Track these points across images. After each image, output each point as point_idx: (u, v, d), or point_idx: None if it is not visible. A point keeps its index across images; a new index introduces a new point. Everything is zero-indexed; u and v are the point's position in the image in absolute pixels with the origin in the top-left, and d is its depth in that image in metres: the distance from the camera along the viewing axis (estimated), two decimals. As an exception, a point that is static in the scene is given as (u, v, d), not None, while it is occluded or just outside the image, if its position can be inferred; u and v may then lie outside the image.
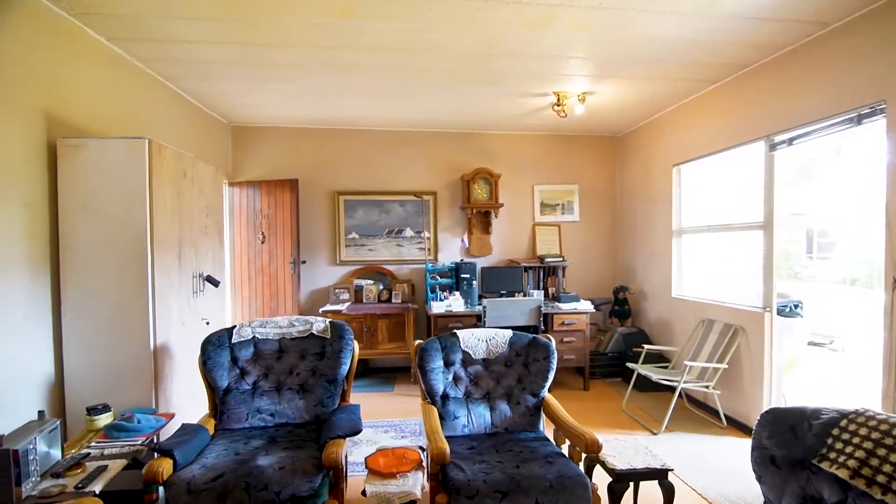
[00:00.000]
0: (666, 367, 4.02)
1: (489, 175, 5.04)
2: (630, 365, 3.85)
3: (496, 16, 2.65)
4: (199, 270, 3.05)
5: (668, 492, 2.17)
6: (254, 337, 2.59)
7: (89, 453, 1.98)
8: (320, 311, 4.60)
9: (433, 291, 4.77)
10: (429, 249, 5.17)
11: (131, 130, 3.06)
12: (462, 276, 4.72)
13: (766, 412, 1.59)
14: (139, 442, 2.11)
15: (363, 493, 2.01)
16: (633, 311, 5.06)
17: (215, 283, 3.13)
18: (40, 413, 1.92)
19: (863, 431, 1.36)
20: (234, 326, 2.60)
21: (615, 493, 2.17)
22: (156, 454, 1.95)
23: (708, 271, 4.24)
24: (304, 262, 4.98)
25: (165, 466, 1.88)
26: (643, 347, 4.03)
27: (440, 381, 2.58)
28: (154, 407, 2.50)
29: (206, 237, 3.18)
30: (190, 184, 2.94)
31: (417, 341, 2.67)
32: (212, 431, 2.34)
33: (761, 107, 3.33)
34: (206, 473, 1.90)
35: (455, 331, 2.73)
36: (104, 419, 2.28)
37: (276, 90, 3.90)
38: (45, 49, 2.45)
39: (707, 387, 3.51)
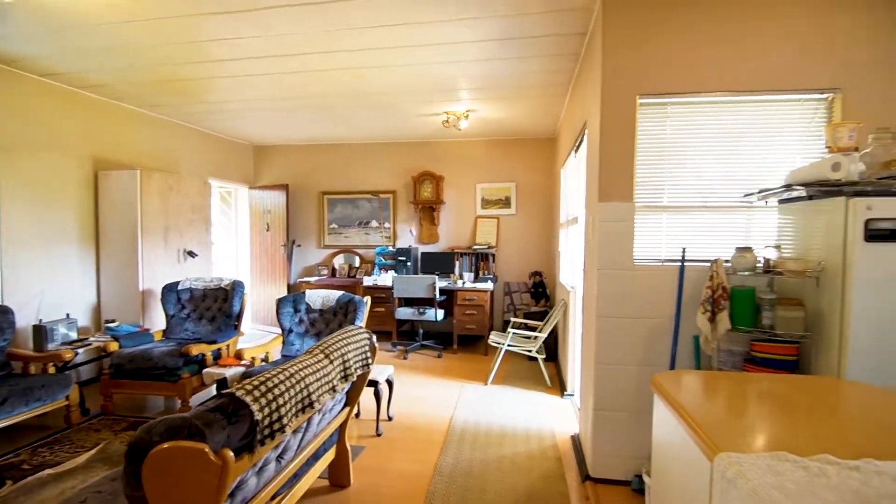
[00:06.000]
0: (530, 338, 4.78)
1: (431, 176, 6.15)
2: (493, 333, 4.71)
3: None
4: (184, 247, 4.87)
5: (377, 396, 3.29)
6: (189, 287, 4.28)
7: (87, 338, 3.85)
8: (298, 281, 6.26)
9: (382, 269, 6.10)
10: (389, 237, 6.48)
11: (164, 162, 5.01)
12: (399, 258, 5.95)
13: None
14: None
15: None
16: (551, 294, 5.74)
17: (193, 255, 4.93)
18: (67, 315, 3.83)
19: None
20: (181, 280, 4.32)
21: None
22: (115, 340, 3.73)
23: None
24: (298, 245, 6.70)
25: (115, 346, 3.63)
26: (511, 319, 4.85)
27: (287, 320, 3.95)
28: (141, 323, 4.36)
29: (192, 227, 4.99)
30: (175, 194, 4.75)
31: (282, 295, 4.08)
32: (159, 338, 4.08)
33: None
34: (131, 350, 3.60)
35: (306, 290, 4.09)
36: (112, 325, 4.16)
37: (273, 120, 5.45)
38: (93, 119, 4.41)
39: (530, 351, 4.28)
